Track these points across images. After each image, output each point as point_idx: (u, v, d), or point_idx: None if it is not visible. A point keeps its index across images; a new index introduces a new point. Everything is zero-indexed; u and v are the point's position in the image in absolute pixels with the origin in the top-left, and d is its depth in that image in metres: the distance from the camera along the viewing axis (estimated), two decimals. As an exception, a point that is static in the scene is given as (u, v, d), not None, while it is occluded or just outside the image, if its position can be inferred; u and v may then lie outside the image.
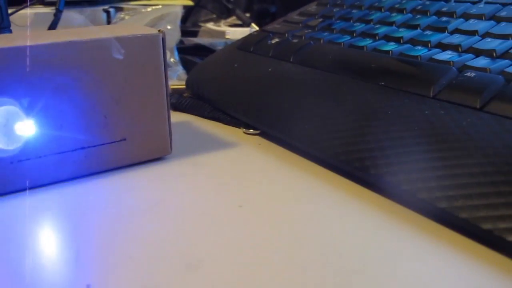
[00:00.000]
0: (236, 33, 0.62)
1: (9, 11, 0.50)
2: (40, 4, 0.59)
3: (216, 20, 0.79)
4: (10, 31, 0.43)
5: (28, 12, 0.56)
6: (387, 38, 0.36)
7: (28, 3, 0.55)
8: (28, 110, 0.27)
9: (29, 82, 0.27)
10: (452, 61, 0.30)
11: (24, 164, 0.28)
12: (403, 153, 0.26)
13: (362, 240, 0.23)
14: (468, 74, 0.28)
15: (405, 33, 0.36)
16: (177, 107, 0.43)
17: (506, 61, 0.29)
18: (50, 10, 0.58)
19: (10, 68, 0.26)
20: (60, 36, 0.29)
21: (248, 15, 0.73)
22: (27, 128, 0.28)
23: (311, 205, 0.26)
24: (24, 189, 0.28)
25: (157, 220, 0.25)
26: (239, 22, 0.70)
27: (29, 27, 0.56)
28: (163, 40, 0.31)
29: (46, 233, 0.25)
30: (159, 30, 0.31)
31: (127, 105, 0.30)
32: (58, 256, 0.23)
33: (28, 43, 0.27)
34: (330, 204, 0.27)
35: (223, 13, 0.83)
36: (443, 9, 0.37)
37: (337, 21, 0.43)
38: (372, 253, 0.22)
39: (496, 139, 0.24)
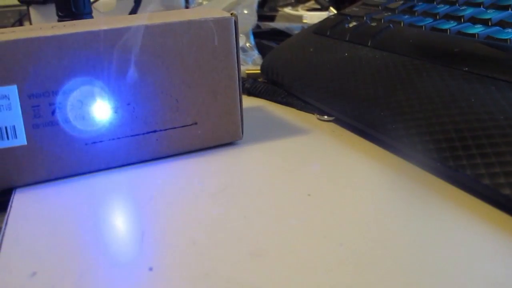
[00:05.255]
0: (314, 17, 0.60)
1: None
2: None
3: (294, 5, 0.78)
4: (92, 17, 0.45)
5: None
6: (474, 20, 0.34)
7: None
8: (104, 93, 0.28)
9: (104, 65, 0.27)
10: (546, 45, 0.28)
11: (98, 146, 0.29)
12: (487, 145, 0.24)
13: (434, 235, 0.22)
14: None
15: (494, 15, 0.33)
16: (251, 92, 0.43)
17: None
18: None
19: (89, 50, 0.27)
20: (134, 20, 0.29)
21: (327, -1, 0.71)
22: (102, 110, 0.28)
23: (384, 197, 0.25)
24: (97, 170, 0.29)
25: (224, 206, 0.25)
26: (317, 6, 0.68)
27: (109, 13, 0.57)
28: (235, 23, 0.30)
29: (114, 214, 0.25)
30: (231, 13, 0.30)
31: (199, 89, 0.30)
32: (123, 237, 0.23)
33: (105, 27, 0.27)
34: (404, 197, 0.25)
35: (302, -2, 0.81)
36: (538, -11, 0.34)
37: (419, 3, 0.40)
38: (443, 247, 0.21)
39: None
